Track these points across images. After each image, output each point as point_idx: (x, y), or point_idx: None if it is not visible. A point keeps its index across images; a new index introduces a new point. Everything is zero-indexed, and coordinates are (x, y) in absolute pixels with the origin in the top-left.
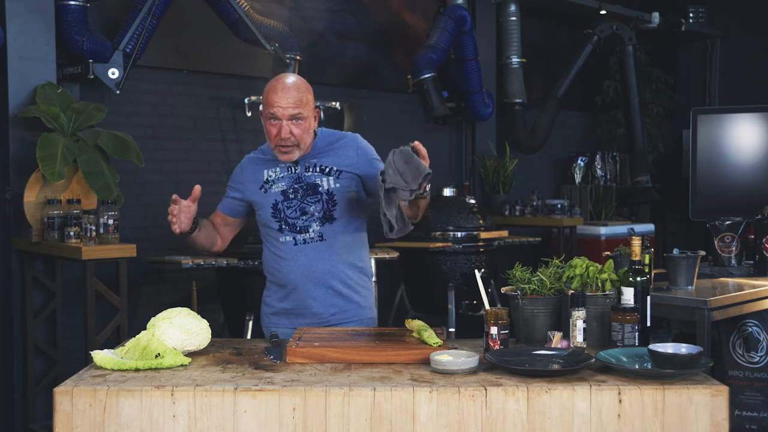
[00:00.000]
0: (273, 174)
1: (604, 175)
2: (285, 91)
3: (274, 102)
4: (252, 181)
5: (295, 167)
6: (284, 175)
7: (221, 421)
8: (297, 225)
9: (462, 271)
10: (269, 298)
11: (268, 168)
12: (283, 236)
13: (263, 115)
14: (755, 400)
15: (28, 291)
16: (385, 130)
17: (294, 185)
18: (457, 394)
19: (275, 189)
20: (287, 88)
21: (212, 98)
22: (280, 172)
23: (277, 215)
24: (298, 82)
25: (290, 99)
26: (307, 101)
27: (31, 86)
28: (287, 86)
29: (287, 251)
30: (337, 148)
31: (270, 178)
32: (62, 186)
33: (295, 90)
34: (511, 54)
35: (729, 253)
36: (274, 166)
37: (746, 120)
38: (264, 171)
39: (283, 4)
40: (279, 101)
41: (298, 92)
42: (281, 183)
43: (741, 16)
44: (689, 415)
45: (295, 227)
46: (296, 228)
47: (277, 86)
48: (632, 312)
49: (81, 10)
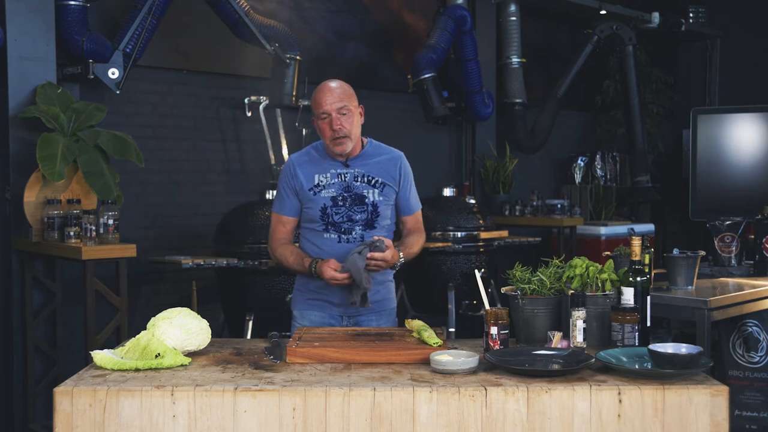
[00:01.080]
0: (324, 179)
1: (604, 175)
2: (330, 90)
3: (323, 101)
4: (304, 181)
5: (345, 175)
6: (335, 182)
7: (221, 421)
8: (342, 227)
9: (462, 271)
10: (306, 285)
11: (318, 171)
12: (328, 234)
13: (315, 118)
14: (755, 400)
15: (28, 291)
16: (385, 130)
17: (343, 193)
18: (457, 394)
19: (325, 194)
20: (331, 88)
21: (212, 98)
22: (331, 178)
23: (324, 218)
24: (341, 83)
25: (335, 95)
26: (350, 96)
27: (31, 86)
28: (331, 87)
29: (331, 246)
30: (384, 162)
31: (321, 182)
32: (62, 186)
33: (339, 88)
34: (511, 54)
35: (729, 253)
36: (324, 170)
37: (746, 120)
38: (315, 174)
39: (283, 4)
40: (326, 98)
41: (341, 89)
42: (331, 189)
43: (741, 16)
44: (689, 415)
45: (340, 228)
46: (341, 229)
47: (323, 88)
48: (632, 312)
49: (81, 10)
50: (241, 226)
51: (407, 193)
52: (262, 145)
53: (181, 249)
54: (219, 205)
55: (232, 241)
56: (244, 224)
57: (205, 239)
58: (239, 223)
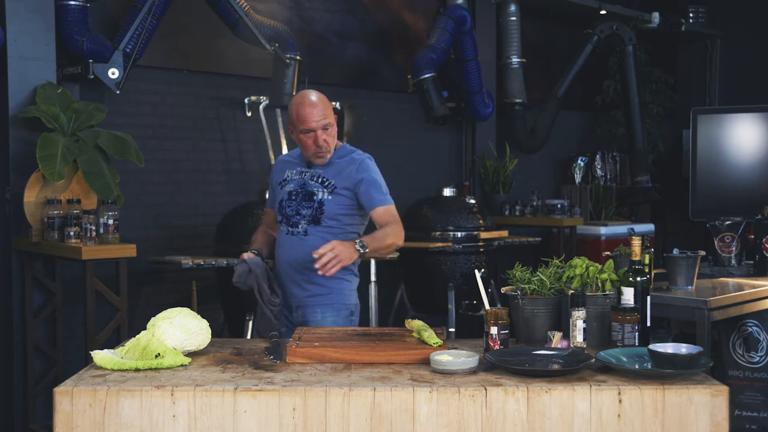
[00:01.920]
0: (290, 174)
1: (604, 175)
2: (314, 106)
3: (308, 117)
4: (277, 178)
5: (305, 174)
6: (296, 178)
7: (221, 421)
8: (291, 220)
9: (462, 271)
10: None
11: (290, 168)
12: (282, 225)
13: (295, 131)
14: (755, 400)
15: (28, 291)
16: (385, 130)
17: (298, 189)
18: (457, 394)
19: (286, 188)
20: (314, 103)
21: (212, 98)
22: (295, 175)
23: (281, 210)
24: (321, 96)
25: (319, 111)
26: (329, 109)
27: (31, 86)
28: (313, 101)
29: (281, 237)
30: (342, 164)
31: (287, 177)
32: (62, 186)
33: (321, 103)
34: (511, 54)
35: (729, 253)
36: (294, 167)
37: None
38: (287, 170)
39: (283, 4)
40: (312, 115)
41: (323, 104)
42: (291, 184)
43: (741, 16)
44: (689, 415)
45: (289, 221)
46: (290, 222)
47: (304, 102)
48: (632, 312)
49: (81, 10)
50: (241, 226)
51: (368, 190)
52: (262, 145)
53: (181, 249)
54: (219, 205)
55: (232, 241)
56: (244, 224)
57: (205, 239)
58: (239, 223)
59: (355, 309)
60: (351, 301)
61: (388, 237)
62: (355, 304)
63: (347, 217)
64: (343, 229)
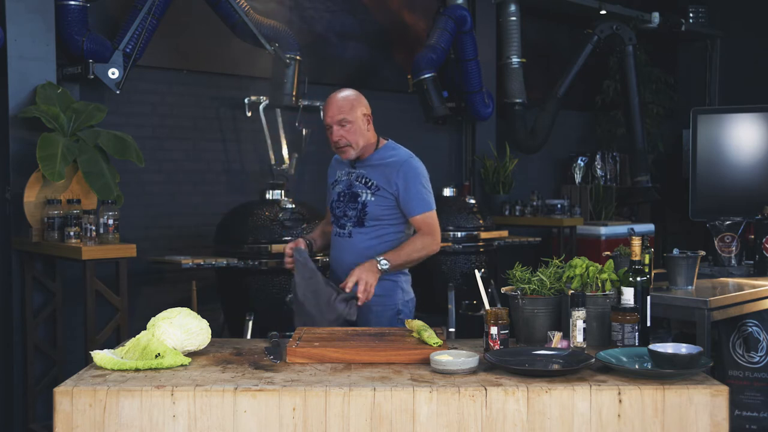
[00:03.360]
0: (340, 175)
1: (604, 175)
2: (332, 103)
3: (326, 113)
4: (331, 178)
5: (351, 174)
6: (344, 179)
7: (221, 421)
8: (340, 221)
9: (462, 271)
10: None
11: (340, 169)
12: (333, 227)
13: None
14: (755, 400)
15: (28, 291)
16: (385, 130)
17: (345, 190)
18: (457, 394)
19: (336, 189)
20: (334, 100)
21: (212, 98)
22: (343, 175)
23: (332, 211)
24: (347, 94)
25: (335, 108)
26: (351, 107)
27: (31, 86)
28: (335, 98)
29: (332, 239)
30: (385, 165)
31: (338, 178)
32: (62, 186)
33: (342, 100)
34: (511, 54)
35: (729, 253)
36: (343, 168)
37: (746, 120)
38: (337, 171)
39: (283, 4)
40: (328, 111)
41: (343, 101)
42: (340, 185)
43: (741, 16)
44: (689, 415)
45: (338, 222)
46: (339, 223)
47: (328, 100)
48: (632, 312)
49: (81, 10)
50: (241, 226)
51: (406, 197)
52: (262, 145)
53: (181, 249)
54: (219, 205)
55: (232, 241)
56: (244, 224)
57: (205, 239)
58: (239, 223)
59: (403, 307)
60: (397, 300)
61: (414, 252)
62: (403, 301)
63: (391, 218)
64: (387, 230)
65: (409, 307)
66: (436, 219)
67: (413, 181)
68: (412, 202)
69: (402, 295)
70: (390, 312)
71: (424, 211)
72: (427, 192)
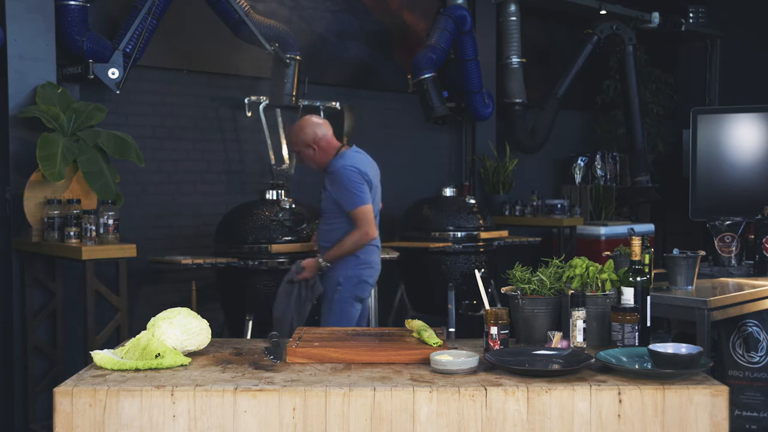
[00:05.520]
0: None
1: (604, 175)
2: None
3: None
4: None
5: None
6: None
7: (221, 421)
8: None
9: (462, 271)
10: None
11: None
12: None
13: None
14: (755, 400)
15: (28, 291)
16: (385, 130)
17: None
18: (457, 394)
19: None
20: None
21: (212, 98)
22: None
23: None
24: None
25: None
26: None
27: (31, 86)
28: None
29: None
30: (329, 173)
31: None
32: (62, 186)
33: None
34: (511, 54)
35: (729, 253)
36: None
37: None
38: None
39: (283, 4)
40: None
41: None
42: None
43: (741, 16)
44: (689, 415)
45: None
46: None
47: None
48: (632, 312)
49: (81, 10)
50: (241, 226)
51: (337, 195)
52: (262, 145)
53: (181, 249)
54: (219, 205)
55: (232, 241)
56: (244, 224)
57: (205, 239)
58: (239, 223)
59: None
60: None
61: (341, 244)
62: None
63: (336, 212)
64: (335, 219)
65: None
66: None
67: (339, 183)
68: (341, 200)
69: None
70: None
71: (350, 209)
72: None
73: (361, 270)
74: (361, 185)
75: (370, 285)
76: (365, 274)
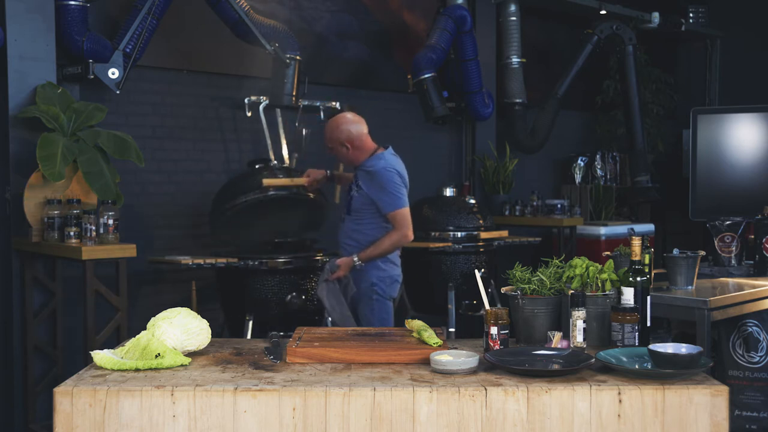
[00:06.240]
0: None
1: (604, 175)
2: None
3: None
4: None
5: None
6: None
7: (221, 421)
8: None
9: (462, 271)
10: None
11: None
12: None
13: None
14: (755, 400)
15: (28, 291)
16: (385, 130)
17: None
18: (457, 394)
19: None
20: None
21: (212, 98)
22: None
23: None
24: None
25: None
26: (330, 138)
27: (31, 86)
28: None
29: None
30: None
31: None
32: (62, 186)
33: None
34: (511, 54)
35: (729, 253)
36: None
37: (746, 120)
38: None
39: (283, 4)
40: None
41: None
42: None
43: (741, 16)
44: (689, 415)
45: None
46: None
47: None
48: (632, 312)
49: (81, 10)
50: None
51: (376, 196)
52: (262, 145)
53: (181, 249)
54: None
55: (231, 240)
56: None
57: (206, 239)
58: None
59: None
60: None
61: (377, 244)
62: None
63: (368, 211)
64: (363, 217)
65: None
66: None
67: (378, 185)
68: (379, 202)
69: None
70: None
71: (389, 211)
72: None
73: (392, 269)
74: (400, 188)
75: (399, 284)
76: (396, 273)
